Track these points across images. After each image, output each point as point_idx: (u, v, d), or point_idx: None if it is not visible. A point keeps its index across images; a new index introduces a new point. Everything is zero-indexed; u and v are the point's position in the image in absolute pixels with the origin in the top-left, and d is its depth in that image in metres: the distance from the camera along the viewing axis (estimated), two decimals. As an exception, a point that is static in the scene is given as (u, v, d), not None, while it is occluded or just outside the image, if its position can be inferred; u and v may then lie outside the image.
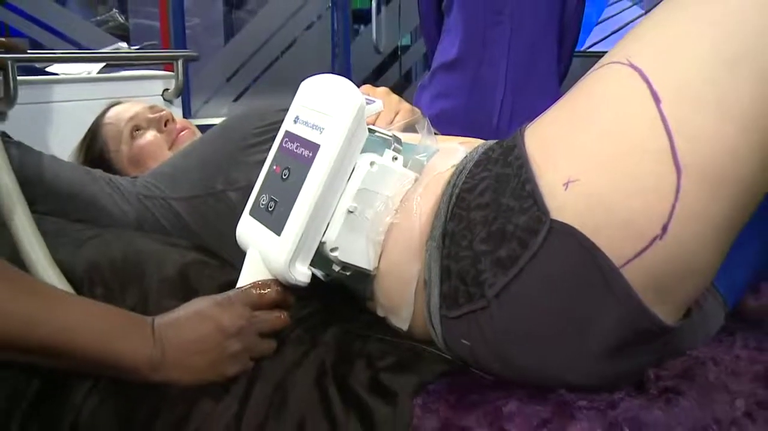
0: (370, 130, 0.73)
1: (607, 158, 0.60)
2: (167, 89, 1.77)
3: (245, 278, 0.72)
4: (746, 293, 0.94)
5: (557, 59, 1.75)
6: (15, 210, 0.77)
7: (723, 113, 0.59)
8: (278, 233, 0.68)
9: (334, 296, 0.80)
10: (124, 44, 2.25)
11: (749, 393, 0.67)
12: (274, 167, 0.72)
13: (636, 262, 0.60)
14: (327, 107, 0.69)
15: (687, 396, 0.67)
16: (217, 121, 2.68)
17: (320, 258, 0.71)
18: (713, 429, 0.59)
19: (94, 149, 1.19)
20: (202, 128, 1.21)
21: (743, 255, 0.83)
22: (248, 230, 0.73)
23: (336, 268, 0.72)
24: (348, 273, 0.73)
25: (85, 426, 0.69)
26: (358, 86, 0.73)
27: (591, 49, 2.50)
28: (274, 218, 0.69)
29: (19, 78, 1.42)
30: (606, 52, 0.70)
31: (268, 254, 0.70)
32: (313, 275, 0.72)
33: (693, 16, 0.62)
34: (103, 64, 1.78)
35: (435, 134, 0.94)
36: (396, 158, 0.72)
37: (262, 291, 0.70)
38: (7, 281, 0.63)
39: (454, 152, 0.75)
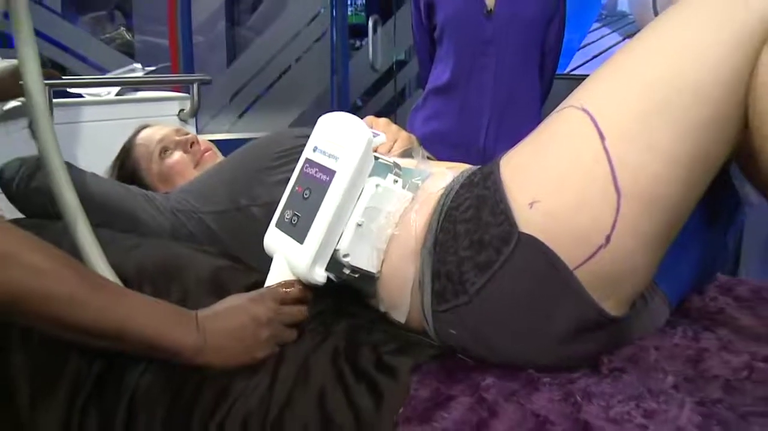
0: (375, 157, 0.88)
1: (562, 183, 0.76)
2: (183, 110, 1.93)
3: (272, 279, 0.87)
4: (692, 293, 1.09)
5: (539, 85, 1.91)
6: (78, 223, 0.92)
7: (653, 150, 0.74)
8: (301, 242, 0.84)
9: (344, 295, 0.95)
10: (138, 65, 2.40)
11: (679, 371, 0.83)
12: (297, 188, 0.88)
13: (586, 265, 0.76)
14: (341, 140, 0.85)
15: (630, 373, 0.82)
16: (223, 136, 2.83)
17: (334, 263, 0.86)
18: (646, 396, 0.74)
19: (127, 166, 1.34)
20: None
21: (686, 261, 0.98)
22: (274, 239, 0.89)
23: (346, 271, 0.87)
24: (356, 275, 0.88)
25: (141, 402, 0.84)
26: (356, 104, 0.88)
27: (574, 73, 2.66)
28: (297, 230, 0.85)
29: (54, 101, 1.57)
30: (588, 75, 0.85)
31: (292, 259, 0.85)
32: (327, 277, 0.87)
33: (633, 72, 0.78)
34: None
35: (428, 157, 1.10)
36: (396, 181, 0.88)
37: (287, 289, 0.86)
38: (85, 278, 0.78)
39: (443, 175, 0.91)
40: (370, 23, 3.85)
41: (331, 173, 0.83)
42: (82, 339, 0.79)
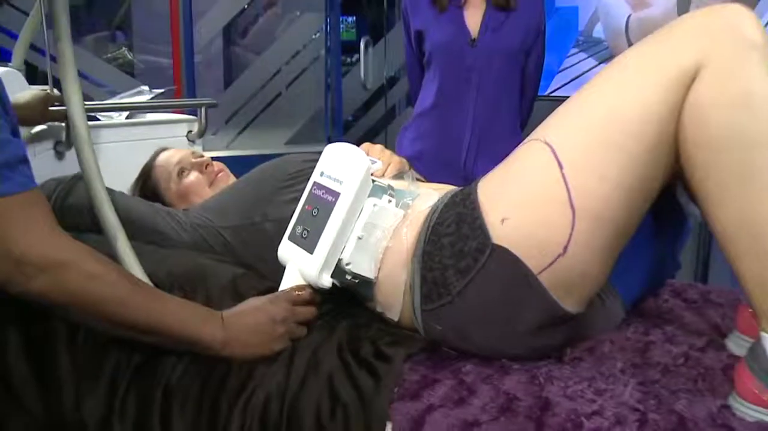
0: (372, 180, 1.04)
1: (528, 204, 0.92)
2: (191, 131, 2.07)
3: (286, 283, 1.03)
4: (648, 296, 1.25)
5: (518, 109, 2.07)
6: (118, 237, 1.07)
7: (602, 177, 0.90)
8: (311, 253, 0.99)
9: (345, 298, 1.11)
10: (145, 87, 2.54)
11: (628, 359, 0.99)
12: (307, 206, 1.03)
13: (547, 271, 0.91)
14: (344, 167, 1.00)
15: (586, 361, 0.98)
16: (223, 153, 2.96)
17: (338, 270, 1.02)
18: (597, 378, 0.90)
19: (148, 185, 1.49)
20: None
21: (637, 269, 1.15)
22: (288, 250, 1.04)
23: (349, 277, 1.03)
24: (356, 281, 1.03)
25: (175, 388, 0.98)
26: (348, 121, 1.04)
27: (553, 94, 2.83)
28: (307, 242, 1.00)
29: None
30: (567, 96, 1.01)
31: (303, 267, 1.01)
32: (332, 283, 1.03)
33: (586, 112, 0.94)
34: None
35: (417, 179, 1.26)
36: (390, 201, 1.04)
37: (300, 293, 1.01)
38: (132, 283, 0.93)
39: (430, 196, 1.07)
40: (362, 44, 4.02)
41: (336, 194, 0.99)
42: (130, 335, 0.95)
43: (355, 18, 4.41)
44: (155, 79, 3.13)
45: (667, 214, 1.11)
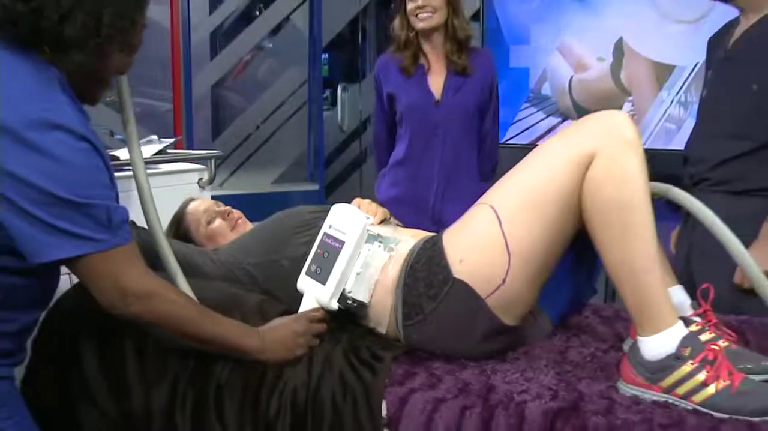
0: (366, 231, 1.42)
1: (478, 248, 1.31)
2: (201, 179, 2.42)
3: (304, 307, 1.39)
4: (572, 313, 1.64)
5: (478, 158, 2.44)
6: (177, 273, 1.42)
7: (529, 229, 1.29)
8: (323, 284, 1.36)
9: (345, 317, 1.47)
10: (154, 137, 2.87)
11: (551, 358, 1.37)
12: (319, 250, 1.41)
13: (492, 296, 1.30)
14: (347, 223, 1.38)
15: (522, 359, 1.36)
16: (216, 192, 3.28)
17: (342, 297, 1.38)
18: (528, 370, 1.28)
19: (180, 230, 1.84)
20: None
21: (561, 294, 1.53)
22: (305, 282, 1.41)
23: (350, 302, 1.39)
24: (355, 305, 1.40)
25: (224, 384, 1.33)
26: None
27: (509, 143, 3.23)
28: (320, 277, 1.37)
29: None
30: (520, 144, 1.39)
31: (317, 295, 1.38)
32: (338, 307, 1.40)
33: (517, 182, 1.33)
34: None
35: (398, 224, 1.64)
36: (380, 246, 1.41)
37: (315, 314, 1.37)
38: (199, 308, 1.28)
39: (408, 242, 1.44)
40: (339, 90, 4.41)
41: (341, 242, 1.37)
42: (194, 344, 1.30)
43: (327, 54, 4.60)
44: (150, 123, 3.40)
45: (583, 253, 1.51)
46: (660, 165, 3.13)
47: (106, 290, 1.17)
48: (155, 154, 2.45)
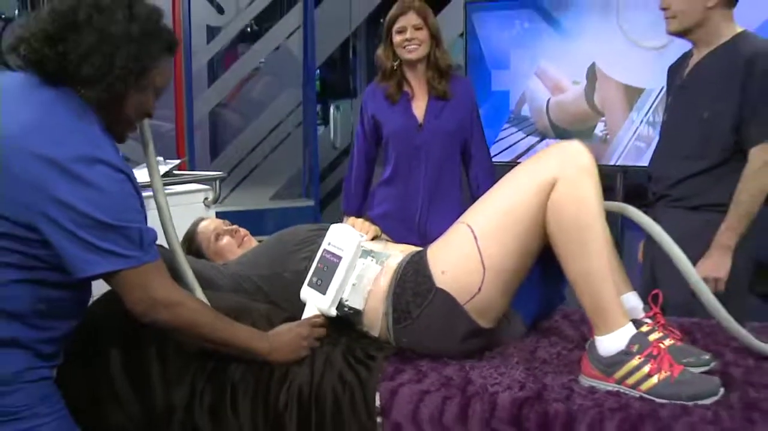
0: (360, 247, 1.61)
1: (457, 261, 1.51)
2: (207, 198, 2.60)
3: (307, 314, 1.58)
4: (543, 317, 1.84)
5: (459, 176, 2.64)
6: (196, 288, 1.61)
7: (501, 245, 1.49)
8: (323, 294, 1.56)
9: (342, 322, 1.66)
10: (160, 158, 3.06)
11: (522, 356, 1.57)
12: (319, 265, 1.60)
13: (469, 303, 1.50)
14: (343, 239, 1.58)
15: (497, 358, 1.56)
16: (219, 209, 3.46)
17: (340, 305, 1.57)
18: (502, 367, 1.47)
19: (192, 247, 2.03)
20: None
21: (532, 301, 1.73)
22: (307, 293, 1.61)
23: (346, 309, 1.59)
24: (351, 312, 1.60)
25: (238, 382, 1.51)
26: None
27: (492, 160, 3.45)
28: (320, 288, 1.57)
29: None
30: (503, 161, 1.59)
31: (318, 303, 1.57)
32: (336, 314, 1.59)
33: (491, 204, 1.54)
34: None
35: (387, 240, 1.84)
36: (372, 260, 1.61)
37: (317, 320, 1.57)
38: (216, 315, 1.47)
39: (397, 256, 1.64)
40: (332, 109, 4.62)
41: (339, 257, 1.56)
42: (212, 346, 1.48)
43: (319, 71, 4.71)
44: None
45: (552, 264, 1.70)
46: (631, 179, 3.38)
47: (138, 301, 1.36)
48: (162, 176, 2.64)
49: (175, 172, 2.73)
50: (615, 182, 3.43)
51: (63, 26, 1.29)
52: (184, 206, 2.53)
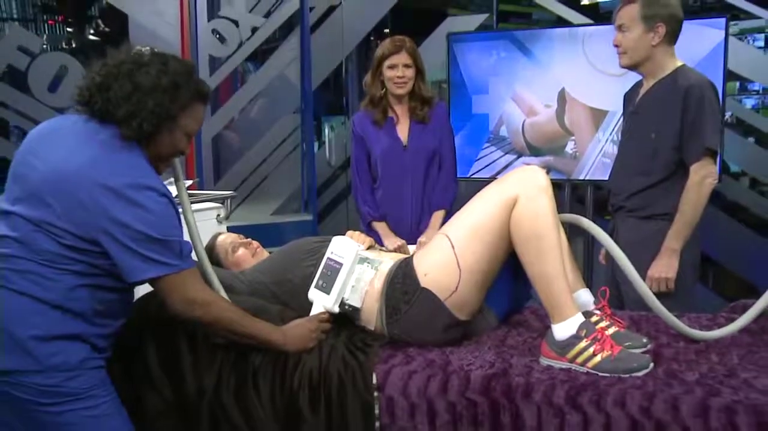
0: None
1: (437, 266, 1.82)
2: (219, 214, 2.91)
3: (314, 311, 1.89)
4: (513, 312, 2.14)
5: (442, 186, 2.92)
6: (221, 290, 1.91)
7: (474, 252, 1.80)
8: (328, 294, 1.87)
9: (344, 318, 1.97)
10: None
11: (494, 343, 1.87)
12: (324, 270, 1.91)
13: (449, 299, 1.80)
14: (344, 248, 1.89)
15: (473, 345, 1.87)
16: (225, 223, 3.74)
17: (341, 304, 1.88)
18: (476, 351, 1.78)
19: (212, 258, 2.31)
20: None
21: (503, 298, 2.04)
22: (314, 294, 1.91)
23: (347, 307, 1.89)
24: (351, 309, 1.90)
25: (259, 368, 1.81)
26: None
27: (474, 176, 3.72)
28: (325, 289, 1.87)
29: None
30: (483, 178, 1.90)
31: (323, 302, 1.88)
32: (339, 311, 1.90)
33: (464, 218, 1.85)
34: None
35: (381, 249, 2.15)
36: (368, 266, 1.92)
37: (323, 316, 1.87)
38: (241, 312, 1.76)
39: (389, 262, 1.95)
40: (327, 129, 4.92)
41: (340, 264, 1.87)
42: (236, 339, 1.77)
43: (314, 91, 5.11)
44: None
45: (520, 268, 2.01)
46: (598, 192, 3.69)
47: (178, 301, 1.64)
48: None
49: (189, 191, 3.03)
50: (585, 194, 3.75)
51: (110, 77, 1.60)
52: (200, 223, 2.82)
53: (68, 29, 5.87)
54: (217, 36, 3.78)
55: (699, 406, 1.45)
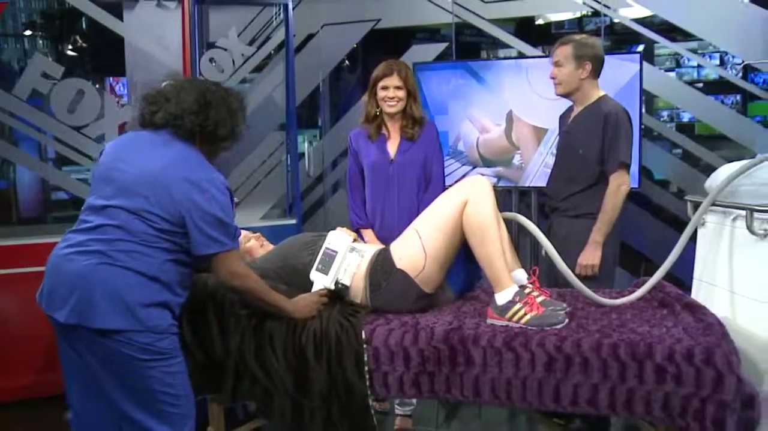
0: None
1: (409, 251, 2.35)
2: (224, 218, 3.39)
3: (315, 288, 2.41)
4: (467, 290, 2.69)
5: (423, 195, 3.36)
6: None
7: (435, 240, 2.33)
8: (326, 275, 2.39)
9: (337, 294, 2.49)
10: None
11: (453, 312, 2.42)
12: (323, 257, 2.43)
13: (417, 277, 2.34)
14: (338, 240, 2.42)
15: (436, 311, 2.41)
16: None
17: (336, 282, 2.40)
18: (438, 314, 2.33)
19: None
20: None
21: (459, 277, 2.59)
22: (315, 275, 2.42)
23: (340, 285, 2.42)
24: (343, 287, 2.43)
25: (275, 331, 2.32)
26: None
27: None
28: (323, 271, 2.39)
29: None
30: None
31: (322, 281, 2.41)
32: (333, 288, 2.43)
33: (430, 214, 2.40)
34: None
35: (365, 242, 2.70)
36: (356, 253, 2.45)
37: (322, 291, 2.40)
38: (265, 285, 2.27)
39: (371, 251, 2.47)
40: (306, 145, 5.41)
41: (335, 252, 2.40)
42: (260, 305, 2.27)
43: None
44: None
45: (471, 254, 2.57)
46: (539, 196, 4.25)
47: (224, 272, 2.08)
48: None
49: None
50: (530, 199, 4.31)
51: (202, 105, 2.06)
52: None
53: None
54: (214, 64, 4.23)
55: (595, 343, 2.02)
